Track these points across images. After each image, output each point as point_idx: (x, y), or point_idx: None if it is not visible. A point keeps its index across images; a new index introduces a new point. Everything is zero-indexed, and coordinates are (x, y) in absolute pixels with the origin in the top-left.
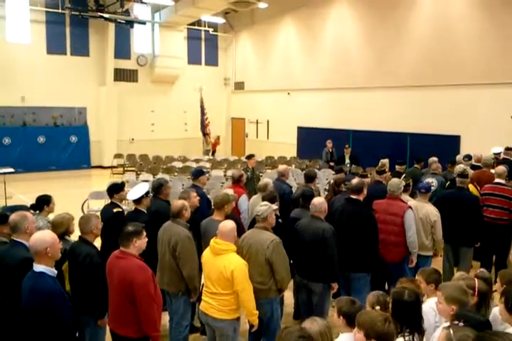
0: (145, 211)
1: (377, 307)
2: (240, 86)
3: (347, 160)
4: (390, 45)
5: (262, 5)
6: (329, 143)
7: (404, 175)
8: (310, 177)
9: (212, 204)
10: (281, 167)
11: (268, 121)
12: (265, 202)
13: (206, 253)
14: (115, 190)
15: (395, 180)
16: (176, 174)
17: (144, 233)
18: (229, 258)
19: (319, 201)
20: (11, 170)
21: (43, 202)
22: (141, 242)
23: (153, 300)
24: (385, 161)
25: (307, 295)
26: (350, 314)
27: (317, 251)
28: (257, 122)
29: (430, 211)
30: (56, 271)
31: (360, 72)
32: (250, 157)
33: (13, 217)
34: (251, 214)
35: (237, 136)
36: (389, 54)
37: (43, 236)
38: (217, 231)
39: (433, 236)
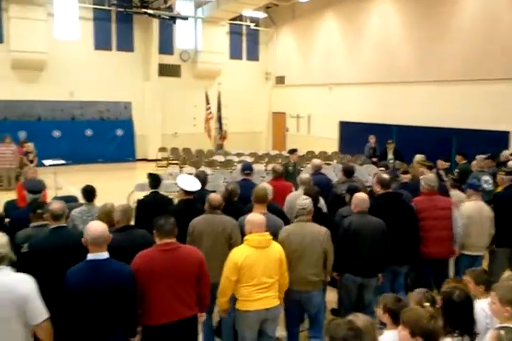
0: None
1: (427, 304)
2: (280, 80)
3: (390, 156)
4: (435, 38)
5: None
6: (372, 139)
7: (457, 171)
8: (349, 172)
9: (254, 198)
10: (317, 161)
11: (309, 116)
12: (306, 196)
13: (249, 252)
14: (160, 180)
15: (431, 175)
16: (217, 168)
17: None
18: (275, 243)
19: (364, 197)
20: (62, 161)
21: (93, 193)
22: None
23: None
24: (419, 157)
25: (357, 292)
26: (395, 311)
27: (377, 246)
28: (298, 117)
29: (482, 209)
30: None
31: (404, 66)
32: (292, 151)
33: (58, 205)
34: (288, 208)
35: (278, 131)
36: (433, 47)
37: (103, 225)
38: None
39: (484, 235)
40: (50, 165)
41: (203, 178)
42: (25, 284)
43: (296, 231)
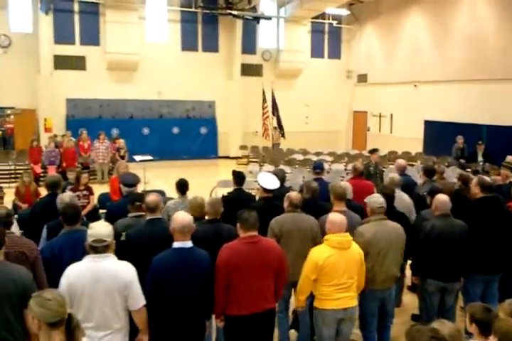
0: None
1: None
2: (363, 78)
3: (479, 158)
4: None
5: None
6: (460, 139)
7: None
8: (429, 172)
9: (333, 195)
10: (402, 161)
11: (392, 115)
12: (380, 195)
13: (330, 252)
14: (244, 178)
15: None
16: (296, 166)
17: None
18: (354, 244)
19: (446, 199)
20: (150, 157)
21: (187, 186)
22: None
23: None
24: (510, 158)
25: (440, 297)
26: (483, 321)
27: (461, 250)
28: (380, 115)
29: None
30: None
31: (497, 62)
32: (373, 151)
33: (154, 198)
34: None
35: (359, 130)
36: None
37: (189, 216)
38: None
39: None
40: (140, 161)
41: (281, 176)
42: (128, 272)
43: (380, 229)
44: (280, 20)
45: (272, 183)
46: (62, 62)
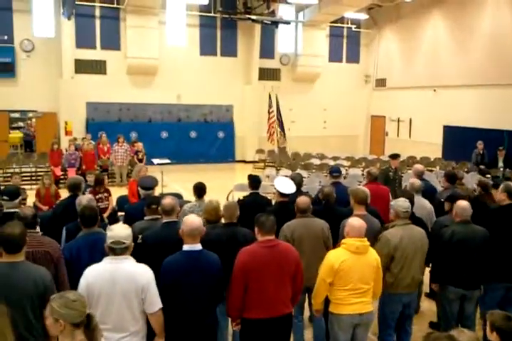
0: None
1: None
2: (381, 83)
3: (500, 164)
4: None
5: None
6: (480, 145)
7: None
8: (452, 178)
9: (353, 199)
10: (420, 166)
11: (410, 120)
12: (406, 199)
13: (347, 256)
14: (260, 182)
15: None
16: (313, 171)
17: None
18: (372, 250)
19: (466, 205)
20: (168, 161)
21: (204, 189)
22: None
23: None
24: None
25: (460, 305)
26: (504, 330)
27: (481, 257)
28: (399, 120)
29: None
30: None
31: None
32: (395, 157)
33: (169, 201)
34: None
35: (377, 135)
36: None
37: (199, 219)
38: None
39: None
40: (158, 164)
41: (298, 181)
42: (146, 274)
43: (406, 234)
44: (298, 25)
45: (288, 188)
46: (83, 66)
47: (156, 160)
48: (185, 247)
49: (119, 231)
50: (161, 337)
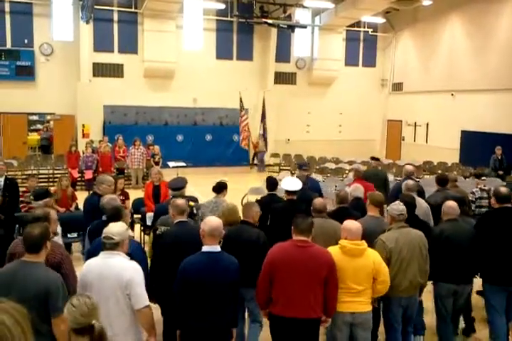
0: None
1: None
2: (398, 87)
3: None
4: None
5: (427, 2)
6: (498, 150)
7: None
8: (442, 180)
9: (370, 201)
10: (409, 167)
11: (427, 124)
12: (401, 202)
13: (339, 257)
14: (276, 184)
15: None
16: (328, 175)
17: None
18: (370, 253)
19: (453, 204)
20: (183, 164)
21: (223, 187)
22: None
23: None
24: None
25: (453, 300)
26: None
27: (470, 252)
28: (415, 125)
29: None
30: None
31: None
32: (375, 159)
33: (183, 201)
34: None
35: (393, 139)
36: None
37: (219, 220)
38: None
39: None
40: (173, 167)
41: (303, 180)
42: (131, 270)
43: (401, 237)
44: (315, 29)
45: (294, 185)
46: (100, 70)
47: (171, 163)
48: (205, 248)
49: (112, 228)
50: (152, 336)
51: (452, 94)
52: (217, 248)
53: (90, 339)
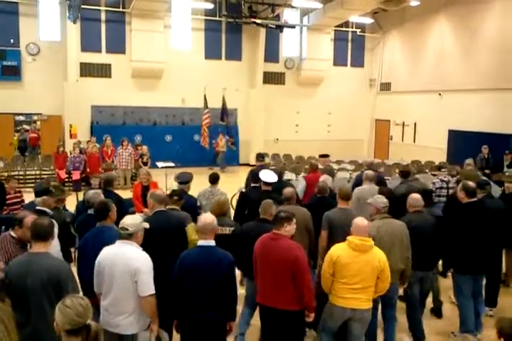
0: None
1: None
2: (386, 87)
3: (505, 168)
4: None
5: (414, 2)
6: (485, 149)
7: None
8: (405, 173)
9: (339, 195)
10: (369, 159)
11: (415, 124)
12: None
13: (345, 252)
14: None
15: None
16: None
17: (294, 220)
18: (377, 251)
19: (418, 197)
20: (172, 164)
21: (217, 178)
22: (291, 227)
23: (310, 273)
24: (470, 161)
25: (419, 287)
26: None
27: (434, 241)
28: (403, 124)
29: None
30: None
31: None
32: (324, 156)
33: (161, 192)
34: (356, 199)
35: (381, 139)
36: None
37: (212, 217)
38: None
39: None
40: (162, 167)
41: (279, 173)
42: (140, 259)
43: (383, 226)
44: (303, 29)
45: (271, 177)
46: (88, 70)
47: (160, 164)
48: (200, 242)
49: (126, 220)
50: (155, 322)
51: (440, 94)
52: (212, 242)
53: (83, 340)
